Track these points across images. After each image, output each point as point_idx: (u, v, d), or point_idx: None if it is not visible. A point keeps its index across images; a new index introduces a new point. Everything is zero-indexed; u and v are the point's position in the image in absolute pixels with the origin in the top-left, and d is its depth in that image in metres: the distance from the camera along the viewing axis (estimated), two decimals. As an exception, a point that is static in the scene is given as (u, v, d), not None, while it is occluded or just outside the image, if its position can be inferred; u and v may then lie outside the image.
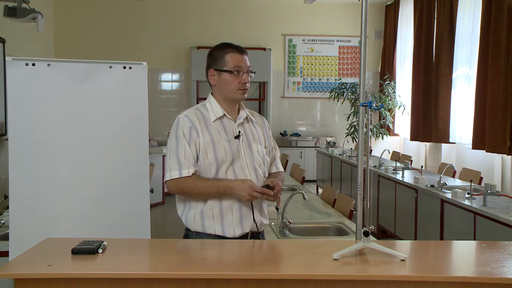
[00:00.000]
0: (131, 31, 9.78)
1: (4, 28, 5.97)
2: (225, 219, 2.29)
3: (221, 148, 2.29)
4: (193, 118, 2.31)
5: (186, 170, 2.25)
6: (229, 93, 2.35)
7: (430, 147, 8.41)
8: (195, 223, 2.31)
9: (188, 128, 2.29)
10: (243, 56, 2.35)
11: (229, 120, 2.37)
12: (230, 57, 2.32)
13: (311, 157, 9.68)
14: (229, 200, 2.29)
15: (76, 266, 1.87)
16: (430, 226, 4.78)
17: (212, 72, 2.37)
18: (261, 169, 2.39)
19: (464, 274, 1.87)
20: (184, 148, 2.27)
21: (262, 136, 2.46)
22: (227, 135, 2.33)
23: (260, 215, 2.38)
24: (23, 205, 2.98)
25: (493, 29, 6.36)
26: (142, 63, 3.17)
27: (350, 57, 10.41)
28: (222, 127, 2.34)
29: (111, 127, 3.11)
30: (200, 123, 2.31)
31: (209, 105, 2.38)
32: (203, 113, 2.35)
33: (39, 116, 3.01)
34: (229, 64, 2.32)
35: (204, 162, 2.28)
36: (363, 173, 2.19)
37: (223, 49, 2.35)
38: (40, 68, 3.00)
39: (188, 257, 2.10)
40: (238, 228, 2.30)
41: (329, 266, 1.88)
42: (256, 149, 2.38)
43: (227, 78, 2.33)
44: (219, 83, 2.36)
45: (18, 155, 2.98)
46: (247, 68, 2.36)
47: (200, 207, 2.30)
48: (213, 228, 2.29)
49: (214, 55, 2.36)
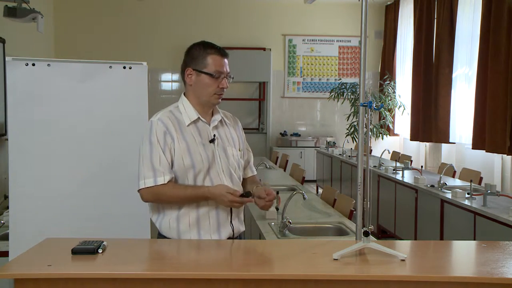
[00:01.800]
0: (131, 31, 9.78)
1: (4, 28, 5.97)
2: (202, 226, 2.22)
3: (197, 154, 2.20)
4: (167, 122, 2.21)
5: (161, 177, 2.15)
6: (205, 97, 2.25)
7: (430, 147, 8.41)
8: (170, 230, 2.23)
9: (162, 133, 2.18)
10: (225, 59, 2.26)
11: (204, 123, 2.27)
12: (212, 59, 2.23)
13: (311, 157, 9.68)
14: (206, 207, 2.22)
15: (76, 266, 1.86)
16: (430, 226, 4.78)
17: (190, 72, 2.26)
18: (236, 173, 2.31)
19: (464, 274, 1.87)
20: (159, 154, 2.16)
21: (237, 138, 2.37)
22: (202, 139, 2.24)
23: (237, 221, 2.32)
24: (23, 205, 2.98)
25: (493, 29, 6.36)
26: (142, 63, 3.17)
27: (350, 57, 10.41)
28: (197, 131, 2.25)
29: (111, 127, 3.12)
30: (175, 127, 2.21)
31: (182, 107, 2.28)
32: (177, 117, 2.24)
33: (39, 116, 3.01)
34: (210, 66, 2.22)
35: (180, 168, 2.19)
36: (363, 173, 2.19)
37: (205, 49, 2.25)
38: (40, 68, 3.00)
39: (188, 257, 2.10)
40: (215, 235, 2.23)
41: (329, 266, 1.88)
42: (231, 153, 2.30)
43: (205, 80, 2.23)
44: (196, 84, 2.25)
45: (18, 155, 2.99)
46: (227, 73, 2.26)
47: (175, 214, 2.22)
48: (189, 235, 2.21)
49: (195, 54, 2.27)
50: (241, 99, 10.24)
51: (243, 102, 10.29)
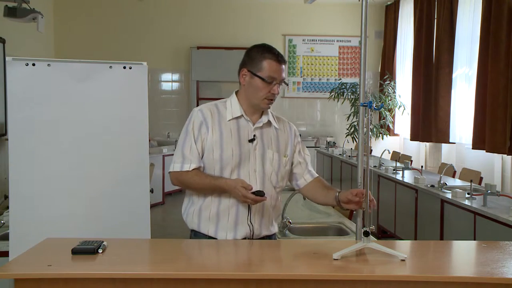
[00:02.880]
0: (131, 31, 9.78)
1: (4, 28, 5.97)
2: (220, 222, 2.25)
3: (229, 149, 2.22)
4: (206, 113, 2.26)
5: (188, 164, 2.23)
6: (255, 99, 2.26)
7: (430, 147, 8.41)
8: (192, 221, 2.31)
9: (198, 123, 2.25)
10: (281, 66, 2.24)
11: (247, 122, 2.29)
12: (268, 64, 2.21)
13: (311, 157, 9.64)
14: (227, 203, 2.24)
15: (76, 266, 1.87)
16: (430, 226, 4.78)
17: (245, 72, 2.27)
18: (272, 178, 2.29)
19: (464, 274, 1.87)
20: (191, 143, 2.24)
21: (284, 144, 2.36)
22: (240, 137, 2.25)
23: (260, 224, 2.29)
24: (23, 205, 2.98)
25: (493, 29, 6.36)
26: (142, 63, 3.17)
27: (350, 57, 10.41)
28: (237, 128, 2.26)
29: (111, 127, 3.12)
30: (213, 119, 2.25)
31: (229, 103, 2.31)
32: (219, 110, 2.29)
33: (39, 116, 3.01)
34: (264, 71, 2.21)
35: (208, 159, 2.24)
36: (363, 173, 2.19)
37: (263, 53, 2.24)
38: (40, 68, 3.00)
39: (188, 257, 2.11)
40: (230, 233, 2.25)
41: (329, 266, 1.88)
42: (270, 156, 2.29)
43: (258, 84, 2.23)
44: (248, 86, 2.26)
45: (18, 155, 2.98)
46: (281, 79, 2.25)
47: (199, 204, 2.29)
48: (207, 229, 2.27)
49: (253, 55, 2.26)
50: None
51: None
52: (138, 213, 3.14)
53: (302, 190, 2.44)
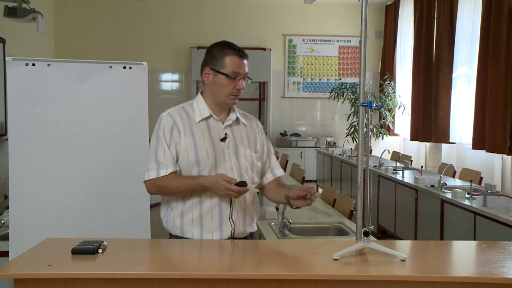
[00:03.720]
0: (131, 31, 9.77)
1: (4, 28, 5.97)
2: (204, 224, 2.21)
3: (203, 150, 2.20)
4: (176, 117, 2.23)
5: (164, 170, 2.18)
6: (220, 97, 2.25)
7: (430, 147, 8.41)
8: (174, 227, 2.25)
9: (169, 127, 2.21)
10: (243, 60, 2.24)
11: (216, 121, 2.28)
12: (230, 60, 2.21)
13: (311, 157, 9.68)
14: (209, 203, 2.21)
15: (76, 266, 1.87)
16: (430, 226, 4.78)
17: (207, 71, 2.26)
18: (248, 174, 2.28)
19: (464, 274, 1.87)
20: (164, 148, 2.19)
21: (253, 140, 2.35)
22: (212, 137, 2.24)
23: (244, 221, 2.28)
24: (23, 205, 2.98)
25: (493, 29, 6.36)
26: (142, 63, 3.17)
27: (350, 57, 10.41)
28: (207, 129, 2.25)
29: (111, 127, 3.12)
30: (184, 122, 2.23)
31: (196, 104, 2.29)
32: (188, 113, 2.27)
33: (39, 116, 3.01)
34: (227, 67, 2.21)
35: (184, 163, 2.20)
36: (363, 173, 2.19)
37: (224, 50, 2.23)
38: (40, 68, 3.01)
39: (188, 257, 2.11)
40: (216, 233, 2.22)
41: (329, 266, 1.88)
42: (243, 153, 2.28)
43: (222, 81, 2.22)
44: (213, 84, 2.25)
45: (18, 155, 2.99)
46: (245, 74, 2.25)
47: (179, 209, 2.23)
48: (191, 232, 2.22)
49: (214, 53, 2.25)
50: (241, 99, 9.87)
51: (243, 102, 10.27)
52: (138, 213, 3.14)
53: (261, 189, 2.44)
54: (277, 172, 2.45)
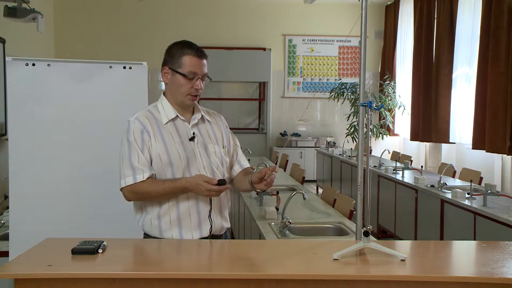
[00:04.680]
0: (131, 31, 9.77)
1: (4, 28, 5.97)
2: (183, 224, 2.21)
3: (175, 152, 2.20)
4: (144, 120, 2.23)
5: (140, 175, 2.16)
6: (179, 96, 2.25)
7: (430, 147, 8.41)
8: (152, 228, 2.24)
9: (139, 131, 2.20)
10: (202, 60, 2.24)
11: (183, 121, 2.28)
12: (188, 59, 2.21)
13: (311, 157, 9.68)
14: (187, 204, 2.21)
15: (76, 266, 1.87)
16: (430, 226, 4.78)
17: (166, 70, 2.26)
18: (219, 170, 2.29)
19: (464, 274, 1.87)
20: (137, 153, 2.18)
21: (220, 136, 2.36)
22: (181, 138, 2.24)
23: (220, 217, 2.30)
24: (23, 205, 2.98)
25: (493, 29, 6.36)
26: (142, 63, 3.17)
27: (350, 57, 10.41)
28: (175, 130, 2.25)
29: (111, 127, 3.11)
30: (152, 126, 2.22)
31: (161, 106, 2.30)
32: (154, 115, 2.26)
33: (39, 116, 3.01)
34: (184, 67, 2.21)
35: (158, 165, 2.20)
36: (363, 173, 2.19)
37: (182, 49, 2.23)
38: (40, 68, 3.00)
39: (188, 257, 2.10)
40: (196, 232, 2.23)
41: (329, 266, 1.88)
42: (213, 150, 2.29)
43: (180, 80, 2.22)
44: (171, 83, 2.26)
45: (18, 155, 2.98)
46: (203, 74, 2.24)
47: (155, 212, 2.23)
48: (171, 233, 2.22)
49: (173, 52, 2.26)
50: (241, 99, 10.25)
51: (243, 102, 10.30)
52: (138, 213, 3.13)
53: (231, 182, 2.44)
54: (244, 164, 2.47)
